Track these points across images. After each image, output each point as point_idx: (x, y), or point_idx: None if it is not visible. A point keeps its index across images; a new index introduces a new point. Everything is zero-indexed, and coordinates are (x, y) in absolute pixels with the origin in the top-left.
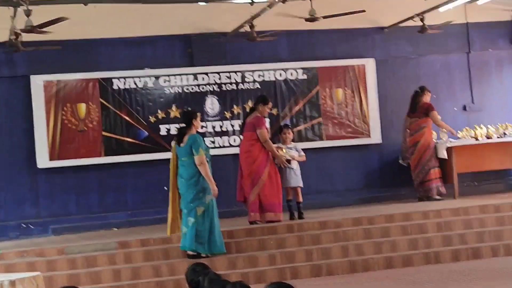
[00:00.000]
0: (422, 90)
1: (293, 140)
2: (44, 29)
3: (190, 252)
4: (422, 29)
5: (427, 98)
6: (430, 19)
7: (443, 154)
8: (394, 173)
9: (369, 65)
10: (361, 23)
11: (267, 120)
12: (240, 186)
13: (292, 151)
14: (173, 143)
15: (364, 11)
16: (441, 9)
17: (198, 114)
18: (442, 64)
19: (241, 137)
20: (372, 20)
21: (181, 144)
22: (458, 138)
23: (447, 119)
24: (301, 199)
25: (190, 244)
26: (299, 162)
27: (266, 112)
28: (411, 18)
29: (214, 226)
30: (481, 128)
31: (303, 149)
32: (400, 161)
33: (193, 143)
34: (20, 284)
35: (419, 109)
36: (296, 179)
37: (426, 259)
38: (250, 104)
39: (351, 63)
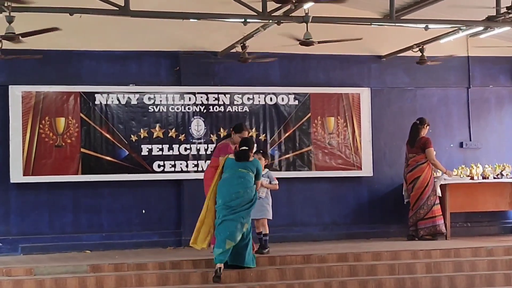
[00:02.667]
0: (422, 122)
1: (270, 167)
2: (24, 38)
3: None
4: (421, 60)
5: (425, 131)
6: (430, 51)
7: (438, 192)
8: (384, 209)
9: (364, 94)
10: (357, 50)
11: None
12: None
13: (262, 179)
14: (222, 158)
15: (361, 39)
16: (442, 41)
17: None
18: (440, 98)
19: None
20: (369, 48)
21: (242, 160)
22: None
23: (442, 156)
24: (265, 231)
25: (248, 260)
26: (271, 191)
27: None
28: (410, 48)
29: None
30: (477, 167)
31: (290, 178)
32: (407, 200)
33: (260, 168)
34: None
35: (416, 144)
36: (261, 210)
37: None
38: None
39: (345, 91)
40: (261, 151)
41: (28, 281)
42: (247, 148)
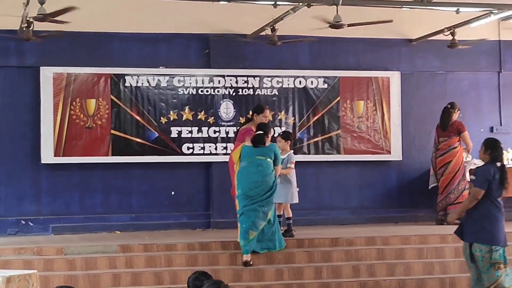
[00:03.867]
0: (453, 106)
1: (299, 150)
2: (58, 19)
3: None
4: (452, 44)
5: (456, 115)
6: (461, 34)
7: (467, 177)
8: (413, 193)
9: (394, 78)
10: (388, 34)
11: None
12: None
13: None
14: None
15: (391, 21)
16: (473, 25)
17: None
18: (471, 82)
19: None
20: (400, 32)
21: (259, 146)
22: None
23: (472, 141)
24: (288, 215)
25: (274, 244)
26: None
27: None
28: (441, 31)
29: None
30: (507, 152)
31: (319, 162)
32: (432, 185)
33: (277, 152)
34: (14, 281)
35: (449, 128)
36: (281, 194)
37: (442, 285)
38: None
39: (375, 75)
40: (281, 133)
41: (58, 261)
42: (262, 132)
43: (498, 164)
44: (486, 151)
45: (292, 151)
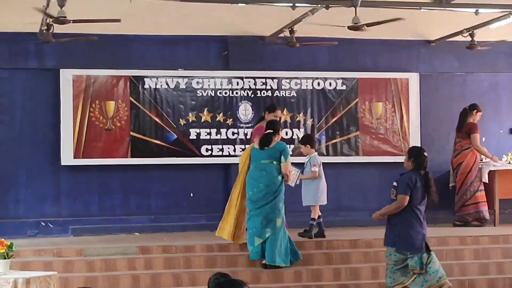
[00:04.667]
0: (472, 108)
1: (321, 152)
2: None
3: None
4: (471, 45)
5: (475, 118)
6: (480, 35)
7: (485, 178)
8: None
9: (413, 79)
10: (406, 35)
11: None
12: None
13: (294, 172)
14: (248, 146)
15: (402, 19)
16: (492, 26)
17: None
18: (490, 83)
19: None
20: (418, 33)
21: (266, 147)
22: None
23: (491, 142)
24: (312, 215)
25: (272, 258)
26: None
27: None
28: (460, 33)
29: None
30: None
31: (337, 163)
32: (451, 184)
33: (284, 150)
34: (35, 282)
35: (464, 129)
36: (307, 196)
37: (461, 287)
38: (285, 112)
39: (394, 76)
40: (303, 138)
41: (78, 262)
42: (272, 131)
43: (422, 172)
44: (409, 159)
45: (316, 153)
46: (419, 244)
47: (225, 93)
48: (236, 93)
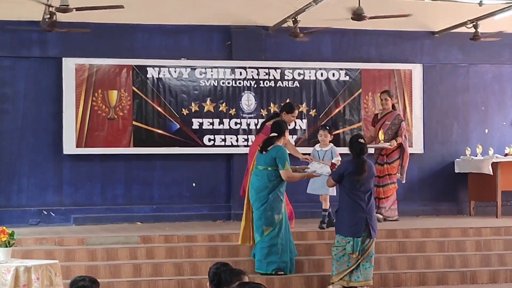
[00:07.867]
0: None
1: (315, 143)
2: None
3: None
4: (475, 36)
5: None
6: (484, 27)
7: (488, 170)
8: (434, 186)
9: (416, 70)
10: (410, 26)
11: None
12: (245, 182)
13: (314, 164)
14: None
15: (410, 15)
16: (496, 17)
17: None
18: (494, 75)
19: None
20: (422, 24)
21: (263, 152)
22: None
23: (495, 134)
24: (324, 206)
25: (259, 266)
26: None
27: (291, 121)
28: (463, 24)
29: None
30: None
31: (340, 154)
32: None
33: (279, 156)
34: (36, 271)
35: None
36: (323, 185)
37: (462, 278)
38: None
39: (397, 67)
40: (326, 127)
41: (80, 251)
42: (276, 134)
43: (360, 160)
44: (349, 149)
45: (332, 144)
46: (355, 228)
47: (228, 83)
48: (239, 83)
